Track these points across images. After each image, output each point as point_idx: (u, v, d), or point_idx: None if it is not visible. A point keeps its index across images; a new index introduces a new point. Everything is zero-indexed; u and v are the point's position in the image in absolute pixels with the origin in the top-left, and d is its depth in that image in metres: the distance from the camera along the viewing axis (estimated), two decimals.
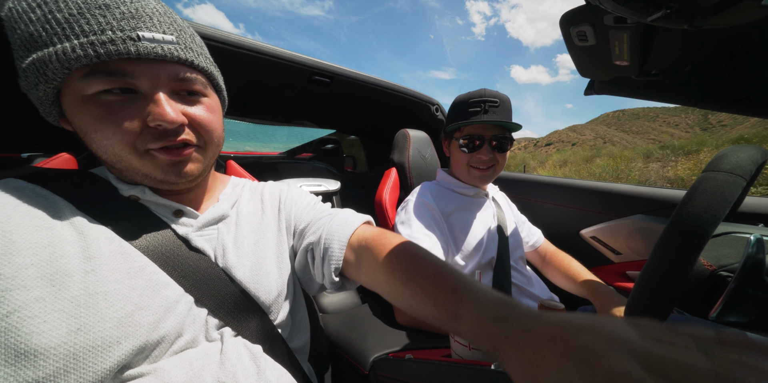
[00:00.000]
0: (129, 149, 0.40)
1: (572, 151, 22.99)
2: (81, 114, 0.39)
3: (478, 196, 1.04)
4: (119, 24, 0.37)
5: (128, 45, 0.37)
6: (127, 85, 0.39)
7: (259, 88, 1.23)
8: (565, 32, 0.62)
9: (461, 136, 0.95)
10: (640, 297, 0.50)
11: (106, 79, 0.37)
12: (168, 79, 0.41)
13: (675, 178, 10.78)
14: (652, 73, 0.69)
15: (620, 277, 1.20)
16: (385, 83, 1.35)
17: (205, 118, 0.46)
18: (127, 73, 0.38)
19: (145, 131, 0.40)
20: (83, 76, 0.37)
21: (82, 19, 0.36)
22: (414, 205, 0.95)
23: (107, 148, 0.40)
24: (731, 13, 0.41)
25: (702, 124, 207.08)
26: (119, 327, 0.36)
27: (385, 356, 0.71)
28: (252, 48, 0.96)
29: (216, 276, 0.48)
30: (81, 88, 0.38)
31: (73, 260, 0.36)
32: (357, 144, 2.60)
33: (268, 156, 3.71)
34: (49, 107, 0.41)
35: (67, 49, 0.35)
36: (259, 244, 0.55)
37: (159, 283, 0.42)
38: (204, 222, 0.51)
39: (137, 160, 0.42)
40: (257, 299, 0.51)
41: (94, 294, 0.36)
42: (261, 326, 0.51)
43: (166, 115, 0.40)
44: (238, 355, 0.45)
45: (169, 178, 0.44)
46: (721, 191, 0.45)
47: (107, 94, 0.38)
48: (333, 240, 0.53)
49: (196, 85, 0.45)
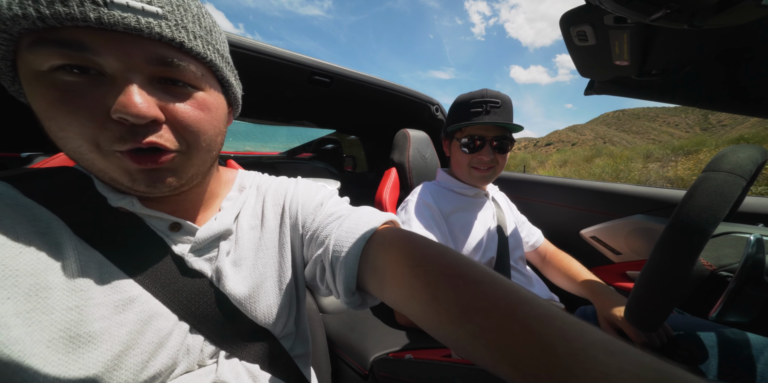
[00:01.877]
0: (90, 146, 0.31)
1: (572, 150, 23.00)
2: (31, 95, 0.30)
3: (478, 196, 1.04)
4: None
5: (86, 8, 0.27)
6: (88, 63, 0.29)
7: (259, 88, 1.23)
8: (565, 32, 0.62)
9: (462, 137, 0.95)
10: (640, 297, 0.50)
11: (57, 52, 0.28)
12: (144, 60, 0.31)
13: (675, 177, 10.78)
14: (652, 73, 0.69)
15: (620, 277, 1.20)
16: (385, 83, 1.35)
17: (190, 115, 0.35)
18: (86, 46, 0.29)
19: (109, 126, 0.31)
20: (29, 45, 0.28)
21: None
22: (414, 205, 0.95)
23: (64, 141, 0.31)
24: (731, 13, 0.41)
25: (702, 124, 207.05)
26: (104, 374, 0.32)
27: (385, 356, 0.71)
28: (252, 48, 0.96)
29: (212, 301, 0.43)
30: (30, 61, 0.29)
31: (55, 293, 0.31)
32: (357, 144, 2.60)
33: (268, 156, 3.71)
34: (11, 84, 0.33)
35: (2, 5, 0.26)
36: (258, 265, 0.48)
37: (151, 315, 0.37)
38: (203, 240, 0.43)
39: (101, 159, 0.32)
40: (255, 320, 0.47)
41: (76, 337, 0.31)
42: (262, 346, 0.48)
43: (132, 106, 0.30)
44: (235, 374, 0.43)
45: (139, 187, 0.35)
46: (721, 191, 0.45)
47: (64, 73, 0.29)
48: (342, 251, 0.41)
49: (185, 74, 0.34)
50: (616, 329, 0.77)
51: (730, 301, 0.47)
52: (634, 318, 0.52)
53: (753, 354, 0.64)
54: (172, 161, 0.35)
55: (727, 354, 0.67)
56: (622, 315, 0.77)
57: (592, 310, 0.90)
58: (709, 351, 0.69)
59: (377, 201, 1.17)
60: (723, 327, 0.72)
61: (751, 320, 0.48)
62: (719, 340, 0.69)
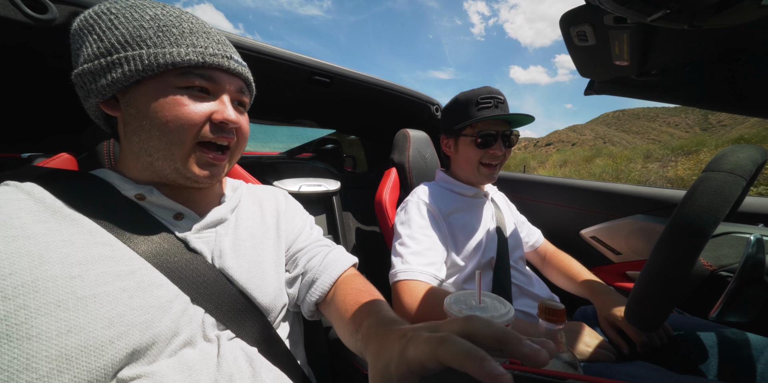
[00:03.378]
0: (184, 141, 0.46)
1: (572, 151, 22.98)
2: (162, 101, 0.44)
3: (477, 197, 1.04)
4: (218, 46, 0.49)
5: (225, 61, 0.48)
6: (208, 86, 0.48)
7: (259, 88, 1.23)
8: (565, 32, 0.62)
9: (474, 133, 0.94)
10: (640, 298, 0.50)
11: (199, 79, 0.46)
12: (235, 89, 0.51)
13: (675, 178, 10.78)
14: (652, 73, 0.69)
15: (620, 277, 1.20)
16: (384, 83, 1.35)
17: (246, 127, 0.54)
18: (214, 78, 0.48)
19: (206, 125, 0.47)
20: (181, 74, 0.45)
21: (193, 36, 0.46)
22: (414, 205, 0.95)
23: (165, 134, 0.45)
24: (731, 13, 0.41)
25: (702, 124, 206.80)
26: (110, 327, 0.37)
27: None
28: (252, 48, 0.96)
29: (213, 277, 0.49)
30: (174, 81, 0.45)
31: (55, 266, 0.36)
32: (357, 144, 2.60)
33: (268, 156, 3.70)
34: (112, 90, 0.45)
35: (181, 52, 0.44)
36: (256, 248, 0.57)
37: (151, 284, 0.43)
38: (203, 225, 0.52)
39: (182, 153, 0.47)
40: (254, 300, 0.52)
41: (83, 298, 0.36)
42: (258, 327, 0.51)
43: (232, 114, 0.49)
44: (234, 357, 0.46)
45: (200, 174, 0.49)
46: (722, 191, 0.45)
47: (188, 91, 0.46)
48: (323, 274, 0.59)
49: (246, 98, 0.54)
50: (617, 329, 0.77)
51: (730, 301, 0.47)
52: (635, 318, 0.52)
53: (753, 354, 0.64)
54: (226, 160, 0.52)
55: (727, 354, 0.67)
56: (622, 315, 0.77)
57: (592, 310, 0.90)
58: (709, 351, 0.69)
59: (377, 201, 1.17)
60: (723, 327, 0.72)
61: (750, 320, 0.48)
62: (719, 340, 0.69)
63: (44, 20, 0.62)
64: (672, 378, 0.57)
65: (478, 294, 0.56)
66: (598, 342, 0.72)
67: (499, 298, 0.56)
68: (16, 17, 0.61)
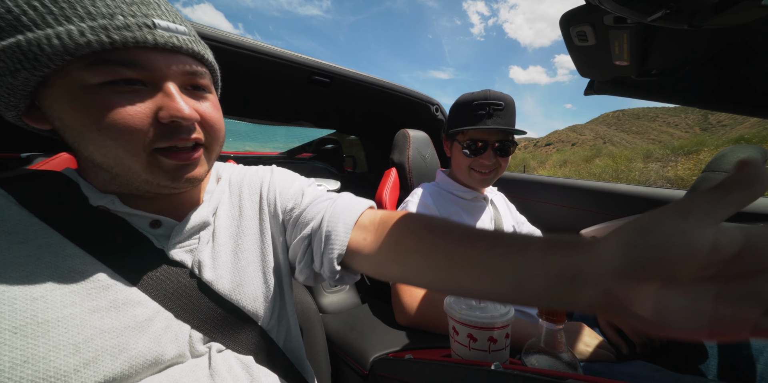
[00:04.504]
0: (136, 150, 0.36)
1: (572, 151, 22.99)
2: (79, 108, 0.34)
3: (477, 200, 1.04)
4: (129, 8, 0.33)
5: (144, 32, 0.33)
6: (138, 76, 0.35)
7: (259, 88, 1.23)
8: (565, 32, 0.62)
9: (464, 140, 0.94)
10: None
11: (115, 69, 0.33)
12: (180, 72, 0.37)
13: (675, 178, 10.78)
14: (652, 73, 0.69)
15: None
16: (384, 83, 1.35)
17: (213, 115, 0.42)
18: (140, 63, 0.34)
19: (155, 128, 0.36)
20: (87, 64, 0.32)
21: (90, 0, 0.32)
22: (414, 207, 0.95)
23: (109, 149, 0.35)
24: (731, 13, 0.41)
25: (702, 124, 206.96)
26: (76, 354, 0.32)
27: (384, 356, 0.71)
28: (252, 48, 0.96)
29: (196, 291, 0.44)
30: (82, 78, 0.33)
31: (14, 287, 0.32)
32: (357, 144, 2.60)
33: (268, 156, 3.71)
34: (20, 99, 0.35)
35: (73, 33, 0.30)
36: (237, 252, 0.50)
37: (126, 302, 0.37)
38: (183, 233, 0.45)
39: (141, 163, 0.37)
40: (243, 309, 0.48)
41: (44, 322, 0.32)
42: (251, 336, 0.48)
43: (183, 110, 0.36)
44: (228, 367, 0.43)
45: (175, 183, 0.40)
46: None
47: (111, 86, 0.33)
48: (337, 224, 0.47)
49: (204, 80, 0.41)
50: (616, 329, 0.77)
51: None
52: None
53: (753, 354, 0.64)
54: (201, 156, 0.41)
55: (726, 354, 0.67)
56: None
57: None
58: (709, 351, 0.69)
59: (377, 202, 1.17)
60: None
61: None
62: None
63: None
64: (672, 378, 0.57)
65: None
66: (598, 342, 0.72)
67: None
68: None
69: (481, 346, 0.51)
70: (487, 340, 0.50)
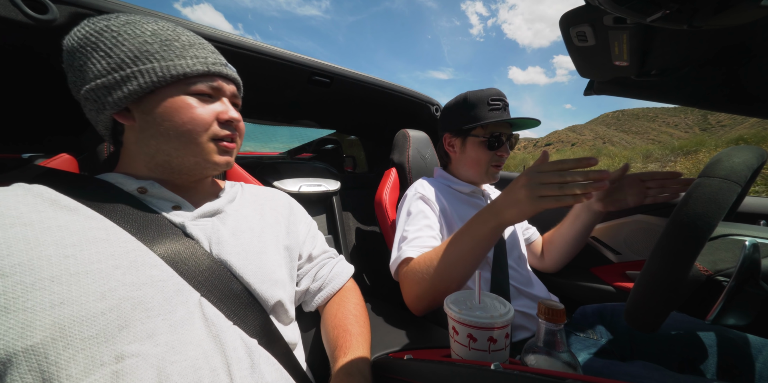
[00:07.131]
0: (202, 136, 0.53)
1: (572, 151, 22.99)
2: (175, 107, 0.51)
3: (474, 195, 1.04)
4: (214, 55, 0.56)
5: (224, 68, 0.56)
6: (211, 92, 0.55)
7: (259, 88, 1.23)
8: (564, 32, 0.62)
9: (485, 134, 0.95)
10: (637, 302, 0.51)
11: (205, 85, 0.53)
12: (231, 93, 0.58)
13: None
14: (651, 73, 0.69)
15: (620, 277, 1.20)
16: (384, 83, 1.35)
17: (242, 122, 0.61)
18: (216, 84, 0.55)
19: (215, 124, 0.54)
20: (189, 82, 0.52)
21: (193, 48, 0.53)
22: (412, 198, 0.94)
23: (183, 134, 0.51)
24: (731, 13, 0.41)
25: (701, 124, 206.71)
26: (102, 300, 0.39)
27: (384, 356, 0.71)
28: (252, 48, 0.96)
29: (209, 263, 0.51)
30: (184, 88, 0.51)
31: (49, 247, 0.39)
32: (357, 144, 2.60)
33: (268, 156, 3.70)
34: (125, 99, 0.49)
35: (189, 64, 0.51)
36: (255, 240, 0.59)
37: (144, 264, 0.45)
38: (200, 214, 0.56)
39: (200, 147, 0.53)
40: (252, 290, 0.53)
41: (75, 274, 0.39)
42: (256, 318, 0.52)
43: (235, 114, 0.57)
44: (233, 347, 0.46)
45: (221, 162, 0.56)
46: (716, 198, 0.44)
47: (196, 96, 0.53)
48: (332, 282, 0.72)
49: (239, 100, 0.62)
50: None
51: (727, 303, 0.47)
52: (633, 322, 0.53)
53: (752, 354, 0.64)
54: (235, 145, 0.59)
55: (726, 353, 0.67)
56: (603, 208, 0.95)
57: (592, 310, 0.90)
58: (709, 351, 0.69)
59: (377, 202, 1.17)
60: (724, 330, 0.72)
61: (748, 323, 0.48)
62: (718, 340, 0.70)
63: (45, 20, 0.63)
64: (672, 378, 0.57)
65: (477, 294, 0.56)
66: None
67: (498, 298, 0.56)
68: (16, 17, 0.61)
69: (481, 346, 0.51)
70: (487, 340, 0.50)
